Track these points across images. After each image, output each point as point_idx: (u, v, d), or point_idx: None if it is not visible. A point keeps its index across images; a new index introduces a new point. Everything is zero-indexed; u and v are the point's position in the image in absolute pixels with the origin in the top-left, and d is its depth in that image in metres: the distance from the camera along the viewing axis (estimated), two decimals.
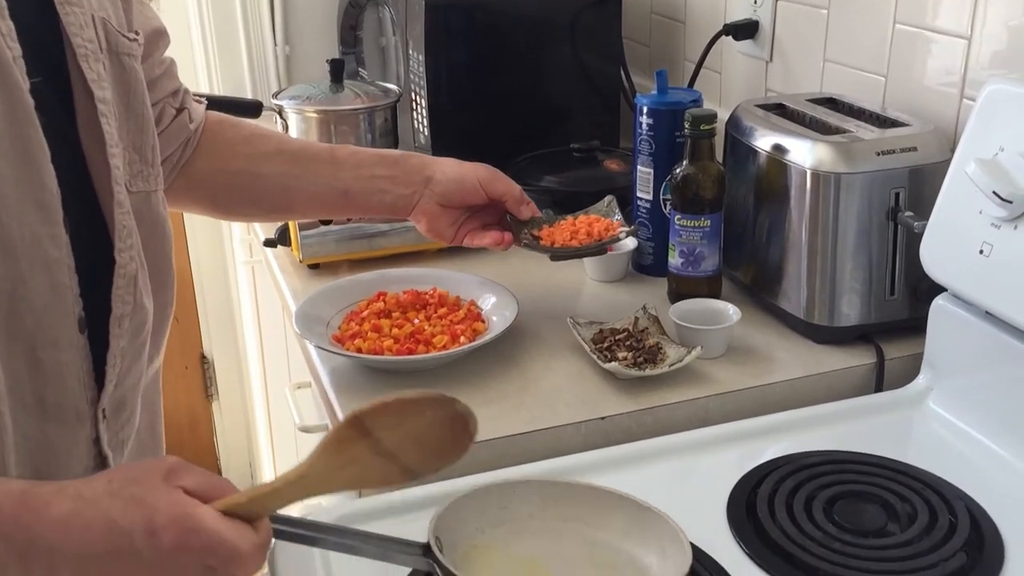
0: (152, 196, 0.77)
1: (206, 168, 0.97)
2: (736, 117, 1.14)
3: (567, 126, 1.55)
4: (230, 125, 1.00)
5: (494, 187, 1.03)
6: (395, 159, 1.03)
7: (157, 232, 0.77)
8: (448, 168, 1.02)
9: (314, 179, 1.00)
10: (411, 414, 0.59)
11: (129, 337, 0.72)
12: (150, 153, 0.77)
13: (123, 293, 0.71)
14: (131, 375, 0.74)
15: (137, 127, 0.76)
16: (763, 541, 0.77)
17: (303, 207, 1.04)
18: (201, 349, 2.53)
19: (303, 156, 1.00)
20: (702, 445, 0.91)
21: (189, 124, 0.94)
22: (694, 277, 1.12)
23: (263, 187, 1.00)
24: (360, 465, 0.60)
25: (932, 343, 0.96)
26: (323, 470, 0.60)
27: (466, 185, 1.02)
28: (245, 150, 0.99)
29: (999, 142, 0.85)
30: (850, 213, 1.00)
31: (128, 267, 0.71)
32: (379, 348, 1.01)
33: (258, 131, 1.02)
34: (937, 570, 0.73)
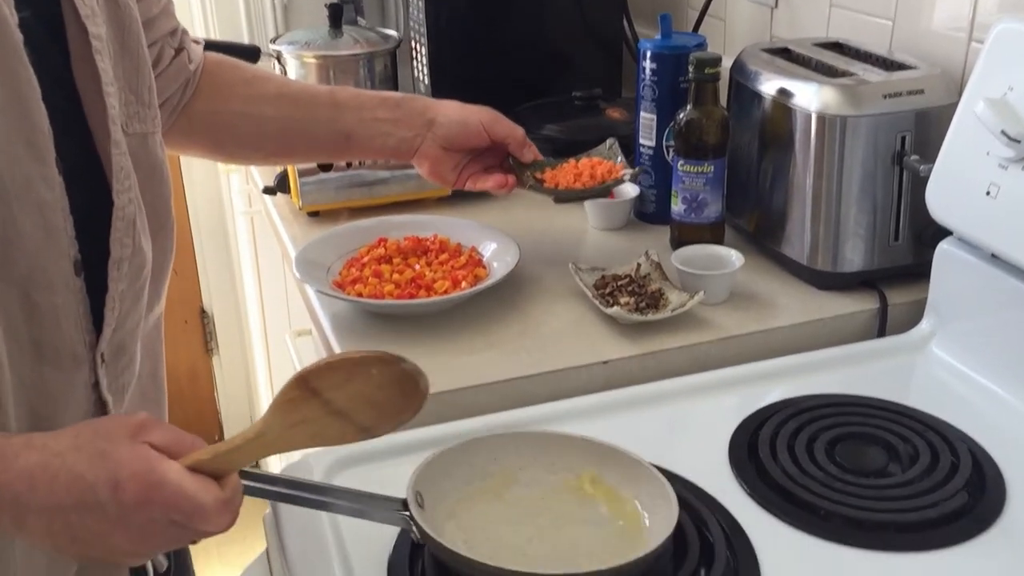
0: (149, 138, 0.75)
1: (206, 110, 0.95)
2: (741, 62, 1.12)
3: (569, 75, 1.54)
4: (230, 66, 0.98)
5: (497, 129, 1.02)
6: (397, 101, 1.01)
7: (155, 175, 0.76)
8: (451, 111, 1.01)
9: (315, 122, 0.99)
10: (357, 374, 0.59)
11: (128, 281, 0.71)
12: (147, 94, 0.76)
13: (121, 236, 0.70)
14: (130, 320, 0.73)
15: (133, 67, 0.74)
16: (764, 481, 0.77)
17: (304, 150, 1.03)
18: (201, 304, 2.52)
19: (304, 98, 1.00)
20: (704, 389, 0.91)
21: (188, 65, 0.92)
22: (697, 224, 1.12)
23: (264, 130, 0.99)
24: (314, 424, 0.60)
25: (936, 288, 0.95)
26: (278, 428, 0.60)
27: (469, 127, 1.01)
28: (245, 92, 0.98)
29: (1008, 82, 0.84)
30: (855, 157, 0.99)
31: (127, 209, 0.70)
32: (380, 293, 1.01)
33: (259, 73, 1.01)
34: (938, 509, 0.73)
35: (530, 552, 0.67)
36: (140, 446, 0.59)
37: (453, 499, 0.72)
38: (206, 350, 2.57)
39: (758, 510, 0.75)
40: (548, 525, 0.70)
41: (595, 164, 1.08)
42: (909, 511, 0.73)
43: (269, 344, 1.93)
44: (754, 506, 0.75)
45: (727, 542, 0.70)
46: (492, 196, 1.32)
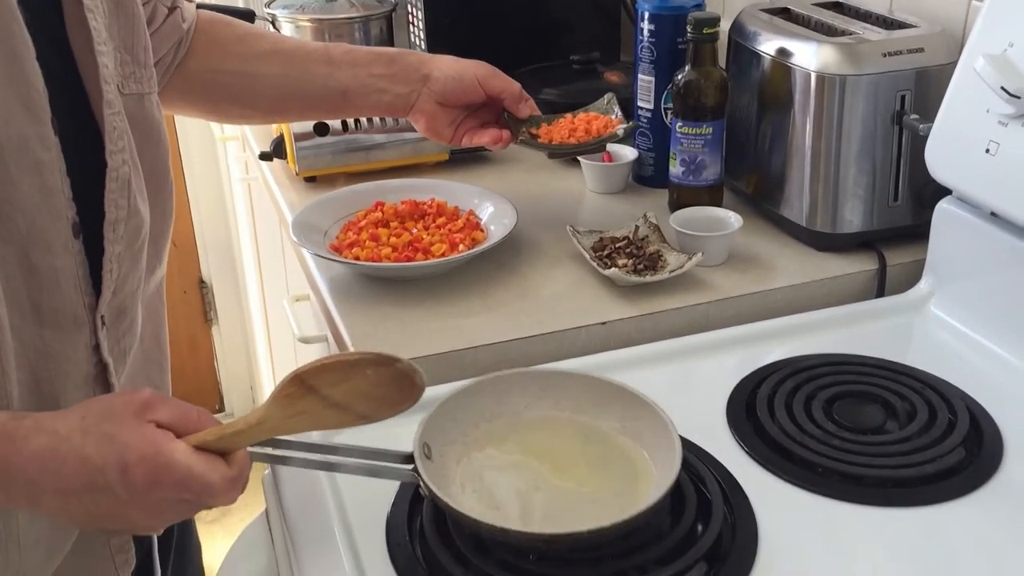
0: (146, 99, 0.75)
1: (200, 69, 0.94)
2: (740, 22, 1.11)
3: (567, 39, 1.52)
4: (223, 24, 0.97)
5: (492, 84, 1.01)
6: (391, 57, 1.00)
7: (152, 136, 0.75)
8: (446, 65, 1.00)
9: (310, 80, 0.98)
10: (353, 373, 0.60)
11: (125, 243, 0.71)
12: (142, 54, 0.75)
13: (116, 197, 0.69)
14: (129, 282, 0.73)
15: (128, 27, 0.74)
16: (762, 439, 0.77)
17: (299, 108, 1.02)
18: (200, 274, 2.52)
19: (298, 56, 0.98)
20: (702, 349, 0.91)
21: (182, 24, 0.91)
22: (695, 186, 1.11)
23: (258, 88, 0.98)
24: (313, 415, 0.61)
25: (935, 247, 0.95)
26: (278, 418, 0.61)
27: (464, 82, 1.00)
28: (239, 50, 0.97)
29: (1008, 38, 0.83)
30: (855, 117, 0.98)
31: (121, 170, 0.70)
32: (377, 256, 1.00)
33: (252, 31, 1.00)
34: (935, 464, 0.73)
35: (535, 501, 0.68)
36: (146, 426, 0.59)
37: (460, 444, 0.72)
38: (205, 320, 2.57)
39: (756, 467, 0.75)
40: (553, 469, 0.70)
41: (591, 119, 1.07)
42: (906, 467, 0.73)
43: (268, 312, 1.93)
44: (752, 463, 0.75)
45: (725, 499, 0.70)
46: (489, 159, 1.32)
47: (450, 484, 0.69)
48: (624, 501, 0.66)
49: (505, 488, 0.69)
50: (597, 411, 0.74)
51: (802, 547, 0.68)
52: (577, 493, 0.69)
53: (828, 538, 0.69)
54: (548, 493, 0.68)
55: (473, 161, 1.31)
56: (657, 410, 0.70)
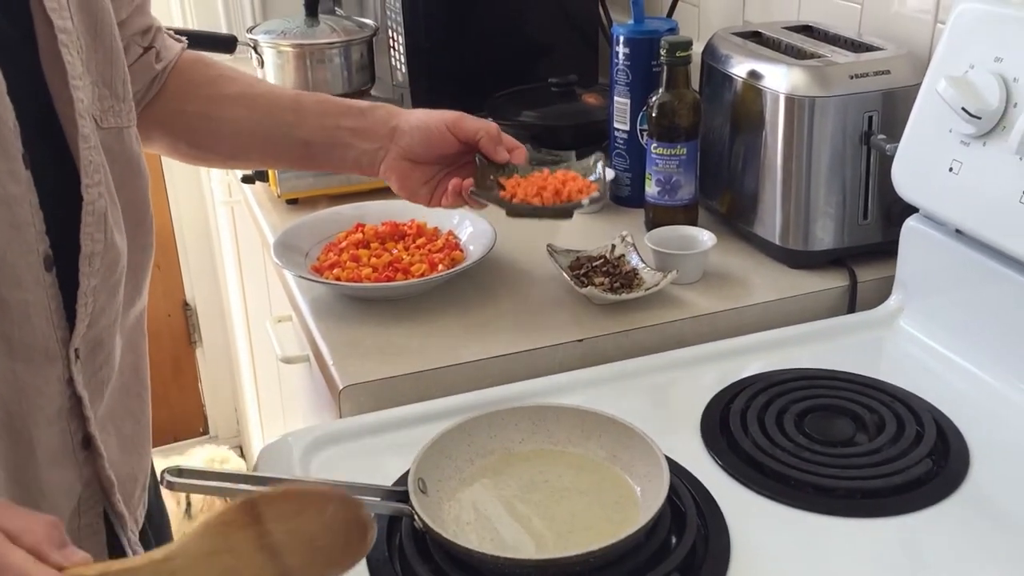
0: (125, 132, 0.74)
1: (166, 108, 0.91)
2: (712, 45, 1.14)
3: (545, 61, 1.55)
4: (202, 65, 0.93)
5: (463, 127, 0.89)
6: (361, 110, 0.92)
7: (131, 169, 0.75)
8: (413, 117, 0.91)
9: (273, 127, 0.91)
10: (311, 508, 0.55)
11: (102, 276, 0.70)
12: (121, 87, 0.75)
13: (92, 231, 0.68)
14: (106, 315, 0.72)
15: (107, 60, 0.73)
16: (735, 453, 0.79)
17: (260, 156, 0.96)
18: (183, 296, 2.53)
19: (264, 101, 0.92)
20: (677, 365, 0.93)
21: (155, 64, 0.88)
22: (671, 206, 1.13)
23: (218, 131, 0.93)
24: (235, 556, 0.53)
25: (903, 263, 0.97)
26: (195, 553, 0.53)
27: (431, 131, 0.89)
28: (207, 92, 0.92)
29: (969, 60, 0.86)
30: (824, 137, 1.01)
31: (97, 203, 0.68)
32: (358, 276, 1.02)
33: (226, 73, 0.94)
34: (903, 476, 0.75)
35: (530, 530, 0.69)
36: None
37: (456, 480, 0.74)
38: (189, 343, 2.57)
39: (729, 480, 0.77)
40: (547, 500, 0.72)
41: (567, 179, 0.91)
42: (875, 478, 0.75)
43: (252, 334, 1.93)
44: (725, 477, 0.77)
45: (698, 511, 0.71)
46: None
47: (445, 518, 0.70)
48: (615, 528, 0.67)
49: (500, 520, 0.70)
50: (588, 442, 0.76)
51: (774, 558, 0.69)
52: (571, 523, 0.70)
53: (800, 549, 0.70)
54: (543, 523, 0.70)
55: None
56: (647, 440, 0.72)
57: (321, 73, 1.46)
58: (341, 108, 0.92)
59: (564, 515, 0.71)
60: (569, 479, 0.74)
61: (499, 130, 0.91)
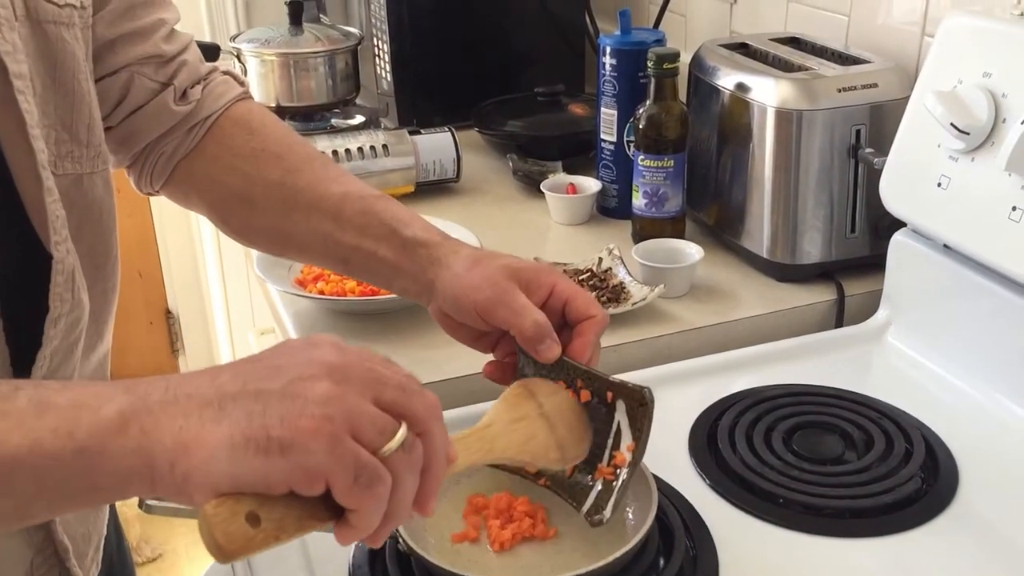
0: (86, 178, 0.67)
1: (203, 174, 0.80)
2: (700, 57, 1.13)
3: (532, 71, 1.54)
4: (245, 131, 0.81)
5: (496, 317, 0.69)
6: (403, 243, 0.75)
7: (92, 216, 0.67)
8: (451, 281, 0.72)
9: (309, 233, 0.79)
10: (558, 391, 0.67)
11: (61, 337, 0.63)
12: (84, 132, 0.67)
13: (62, 291, 0.62)
14: (61, 371, 0.65)
15: (67, 104, 0.66)
16: (723, 471, 0.78)
17: (297, 256, 0.86)
18: (166, 304, 2.50)
19: (304, 200, 0.78)
20: (665, 381, 0.91)
21: (174, 106, 0.76)
22: (658, 218, 1.13)
23: (251, 221, 0.81)
24: (530, 422, 0.64)
25: (891, 278, 0.97)
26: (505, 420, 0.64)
27: (461, 308, 0.71)
28: (246, 168, 0.80)
29: (957, 75, 0.85)
30: (812, 151, 1.00)
31: (66, 261, 0.62)
32: (342, 290, 1.01)
33: (270, 147, 0.80)
34: (892, 494, 0.74)
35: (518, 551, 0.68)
36: None
37: (444, 500, 0.72)
38: (172, 351, 2.55)
39: (717, 499, 0.76)
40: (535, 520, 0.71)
41: None
42: (864, 497, 0.74)
43: (235, 343, 1.92)
44: (713, 495, 0.76)
45: (686, 531, 0.71)
46: (455, 191, 1.33)
47: (429, 539, 0.69)
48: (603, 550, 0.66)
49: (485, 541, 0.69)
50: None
51: None
52: (558, 543, 0.69)
53: (788, 569, 0.70)
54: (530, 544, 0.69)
55: (439, 193, 1.32)
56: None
57: (305, 82, 1.45)
58: (385, 229, 0.76)
59: (551, 535, 0.70)
60: (556, 498, 0.73)
61: (538, 326, 0.67)
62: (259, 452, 0.46)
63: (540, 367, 0.68)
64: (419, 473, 0.51)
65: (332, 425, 0.47)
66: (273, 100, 1.47)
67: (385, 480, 0.48)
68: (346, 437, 0.47)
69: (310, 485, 0.47)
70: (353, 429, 0.48)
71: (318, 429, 0.46)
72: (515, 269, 0.70)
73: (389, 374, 0.51)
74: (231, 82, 0.81)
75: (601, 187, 1.23)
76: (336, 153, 1.24)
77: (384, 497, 0.49)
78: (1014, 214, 0.80)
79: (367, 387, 0.49)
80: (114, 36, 0.73)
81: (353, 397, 0.49)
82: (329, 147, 1.25)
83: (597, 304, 0.71)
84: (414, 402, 0.51)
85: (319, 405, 0.47)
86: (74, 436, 0.46)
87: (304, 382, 0.48)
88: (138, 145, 0.78)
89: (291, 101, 1.47)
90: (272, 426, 0.46)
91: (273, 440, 0.46)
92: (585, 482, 0.67)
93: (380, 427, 0.49)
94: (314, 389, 0.48)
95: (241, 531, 0.45)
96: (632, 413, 0.67)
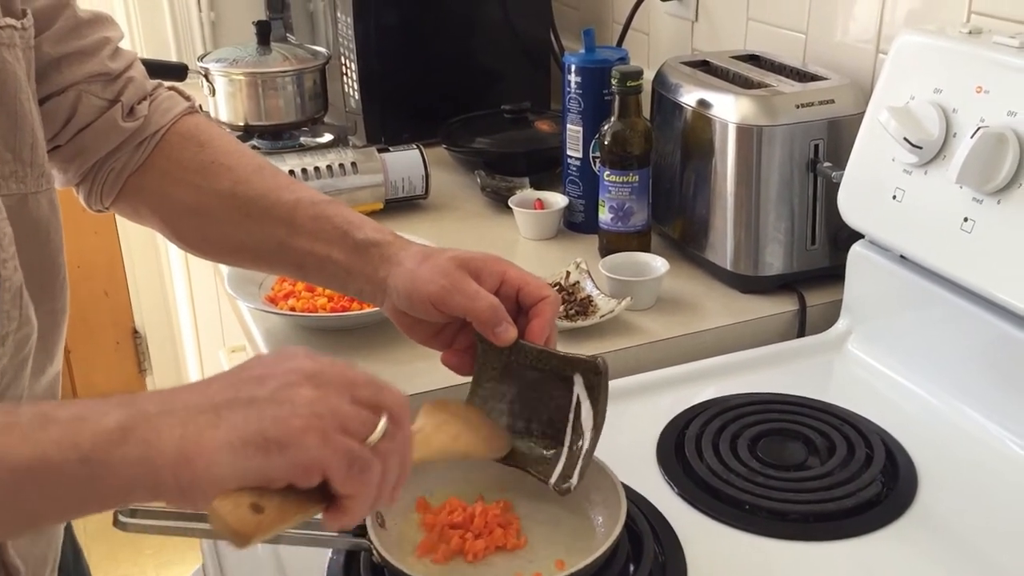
0: (31, 198, 0.66)
1: (153, 190, 0.81)
2: (662, 74, 1.16)
3: (498, 88, 1.56)
4: (195, 145, 0.81)
5: (450, 304, 0.70)
6: (357, 244, 0.76)
7: (38, 237, 0.67)
8: (402, 278, 0.73)
9: (263, 240, 0.80)
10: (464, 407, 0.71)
11: (9, 356, 0.63)
12: (28, 152, 0.66)
13: (9, 308, 0.62)
14: (11, 391, 0.65)
15: (9, 124, 0.65)
16: (690, 478, 0.80)
17: (253, 264, 0.86)
18: (133, 324, 2.49)
19: (257, 209, 0.80)
20: (632, 392, 0.93)
21: (122, 123, 0.77)
22: (624, 232, 1.15)
23: (205, 233, 0.82)
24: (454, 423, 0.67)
25: (850, 288, 0.99)
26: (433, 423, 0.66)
27: (414, 303, 0.72)
28: (196, 181, 0.80)
29: (910, 91, 0.88)
30: (772, 165, 1.03)
31: (13, 279, 0.62)
32: (313, 307, 1.01)
33: (219, 159, 0.81)
34: (854, 498, 0.76)
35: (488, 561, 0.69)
36: None
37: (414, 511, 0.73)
38: (139, 371, 2.53)
39: (684, 506, 0.77)
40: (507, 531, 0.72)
41: None
42: (827, 501, 0.76)
43: (204, 362, 1.91)
44: (680, 502, 0.78)
45: (655, 537, 0.72)
46: (424, 208, 1.34)
47: (402, 551, 0.70)
48: (573, 558, 0.67)
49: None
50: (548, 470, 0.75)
51: None
52: (529, 552, 0.70)
53: (754, 573, 0.71)
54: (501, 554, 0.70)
55: (408, 209, 1.33)
56: (604, 467, 0.73)
57: (274, 101, 1.46)
58: (337, 233, 0.78)
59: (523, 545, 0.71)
60: (527, 509, 0.74)
61: (494, 308, 0.69)
62: (258, 452, 0.49)
63: (498, 353, 0.71)
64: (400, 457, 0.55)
65: (322, 422, 0.50)
66: (241, 119, 1.47)
67: (375, 467, 0.52)
68: (336, 432, 0.51)
69: (308, 477, 0.50)
70: (341, 424, 0.51)
71: (310, 427, 0.50)
72: (465, 259, 0.72)
73: (360, 375, 0.55)
74: (176, 97, 0.82)
75: (568, 202, 1.25)
76: (305, 171, 1.25)
77: (375, 483, 0.52)
78: (965, 225, 0.83)
79: (344, 388, 0.53)
80: (59, 55, 0.73)
81: (334, 398, 0.52)
82: (298, 165, 1.26)
83: (548, 286, 0.73)
84: (386, 396, 0.55)
85: (307, 406, 0.51)
86: (78, 447, 0.47)
87: (289, 388, 0.51)
88: (87, 162, 0.78)
89: (259, 120, 1.48)
90: (267, 428, 0.49)
91: (271, 440, 0.49)
92: (550, 455, 0.71)
93: (363, 420, 0.52)
94: (300, 394, 0.51)
95: (250, 517, 0.49)
96: (589, 383, 0.69)
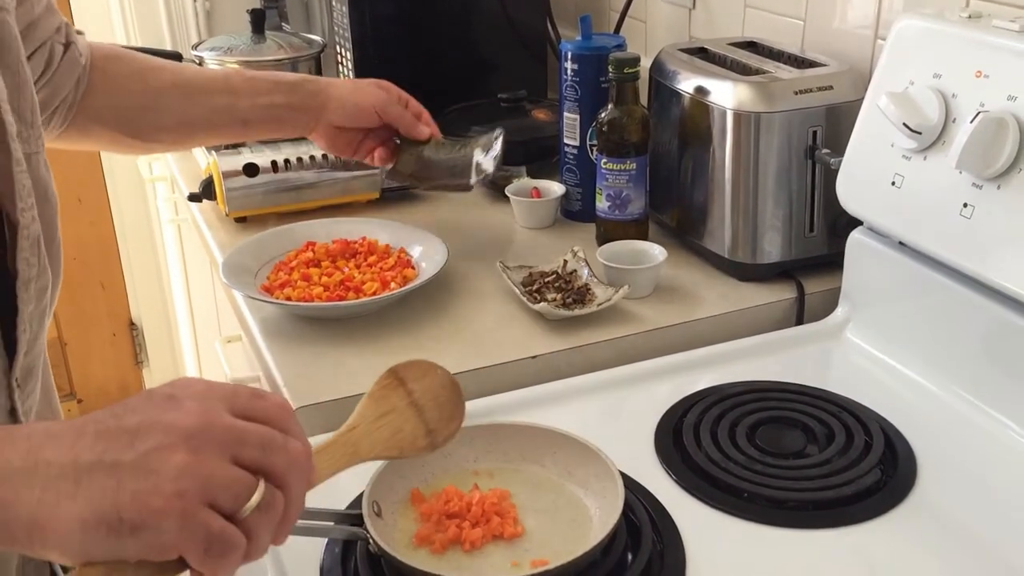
0: (33, 158, 0.70)
1: (99, 104, 0.94)
2: (660, 61, 1.15)
3: (494, 77, 1.55)
4: (116, 59, 0.97)
5: (390, 113, 1.06)
6: (291, 85, 1.04)
7: (39, 195, 0.70)
8: (344, 93, 1.04)
9: (211, 111, 1.00)
10: (430, 372, 0.69)
11: (35, 302, 0.68)
12: (29, 113, 0.71)
13: (28, 255, 0.66)
14: (38, 342, 0.70)
15: (14, 86, 0.69)
16: (688, 467, 0.80)
17: (203, 138, 1.07)
18: (129, 316, 2.48)
19: (197, 88, 1.00)
20: (631, 380, 0.93)
21: (79, 58, 0.91)
22: (621, 220, 1.14)
23: (160, 122, 0.99)
24: (397, 413, 0.65)
25: (849, 275, 0.99)
26: (370, 417, 0.64)
27: (361, 111, 1.05)
28: (139, 86, 0.98)
29: (909, 76, 0.88)
30: (770, 152, 1.02)
31: (31, 228, 0.66)
32: (309, 296, 1.01)
33: (148, 64, 1.00)
34: (853, 486, 0.76)
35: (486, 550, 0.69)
36: None
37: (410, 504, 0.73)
38: (136, 362, 2.53)
39: (683, 494, 0.77)
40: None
41: None
42: (826, 489, 0.76)
43: (200, 353, 1.90)
44: (679, 491, 0.77)
45: (653, 526, 0.72)
46: (420, 197, 1.34)
47: (400, 541, 0.69)
48: (571, 546, 0.67)
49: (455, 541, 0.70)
50: (543, 460, 0.76)
51: (729, 571, 0.70)
52: (526, 541, 0.70)
53: (754, 562, 0.71)
54: (498, 543, 0.70)
55: (404, 199, 1.32)
56: (602, 456, 0.72)
57: None
58: (270, 85, 1.03)
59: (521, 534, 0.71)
60: (524, 497, 0.74)
61: (411, 117, 1.08)
62: (111, 533, 0.47)
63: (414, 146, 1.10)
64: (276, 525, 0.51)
65: (183, 501, 0.47)
66: None
67: (238, 545, 0.49)
68: (199, 510, 0.48)
69: (163, 557, 0.48)
70: (208, 498, 0.48)
71: (169, 508, 0.47)
72: (385, 85, 1.08)
73: (251, 429, 0.51)
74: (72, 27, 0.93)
75: (565, 191, 1.24)
76: (301, 160, 1.24)
77: (237, 560, 0.49)
78: (965, 211, 0.82)
79: (225, 448, 0.50)
80: (35, 16, 0.82)
81: (210, 463, 0.49)
82: (294, 153, 1.25)
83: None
84: (273, 458, 0.51)
85: (172, 481, 0.47)
86: None
87: (160, 453, 0.48)
88: (51, 106, 0.87)
89: None
90: (124, 506, 0.47)
91: (124, 522, 0.47)
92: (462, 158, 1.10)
93: (235, 492, 0.49)
94: (170, 461, 0.48)
95: None
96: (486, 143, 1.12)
